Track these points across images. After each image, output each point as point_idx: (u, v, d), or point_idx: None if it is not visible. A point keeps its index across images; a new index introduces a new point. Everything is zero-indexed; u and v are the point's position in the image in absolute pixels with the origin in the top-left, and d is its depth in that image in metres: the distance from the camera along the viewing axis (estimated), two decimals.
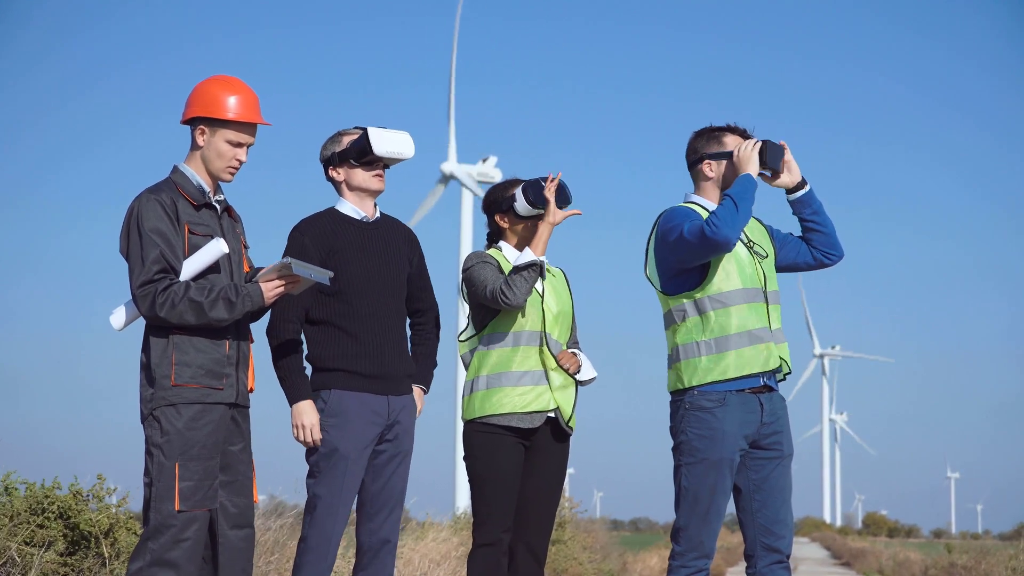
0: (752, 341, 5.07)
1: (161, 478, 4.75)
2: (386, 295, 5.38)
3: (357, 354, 5.29)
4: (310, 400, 5.22)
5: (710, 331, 5.08)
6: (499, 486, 5.41)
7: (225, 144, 4.93)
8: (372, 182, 5.44)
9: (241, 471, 4.93)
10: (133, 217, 4.84)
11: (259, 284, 4.88)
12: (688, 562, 5.09)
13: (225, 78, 4.97)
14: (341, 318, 5.30)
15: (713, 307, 5.09)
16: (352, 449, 5.23)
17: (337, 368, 5.27)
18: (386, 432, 5.33)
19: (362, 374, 5.28)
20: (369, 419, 5.27)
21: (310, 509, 5.28)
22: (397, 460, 5.37)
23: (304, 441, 5.23)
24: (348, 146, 5.40)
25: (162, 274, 4.78)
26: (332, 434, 5.23)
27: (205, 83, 4.96)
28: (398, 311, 5.44)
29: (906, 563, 22.02)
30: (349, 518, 5.44)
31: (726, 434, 5.05)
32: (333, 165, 5.45)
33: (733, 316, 5.08)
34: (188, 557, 4.74)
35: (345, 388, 5.26)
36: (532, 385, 5.44)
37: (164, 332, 4.81)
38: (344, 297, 5.29)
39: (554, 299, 5.59)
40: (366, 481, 5.34)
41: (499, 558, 5.40)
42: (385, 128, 5.36)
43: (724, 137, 5.24)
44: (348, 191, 5.45)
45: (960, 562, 17.08)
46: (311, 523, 5.26)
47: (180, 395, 4.78)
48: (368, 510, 5.35)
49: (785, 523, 5.17)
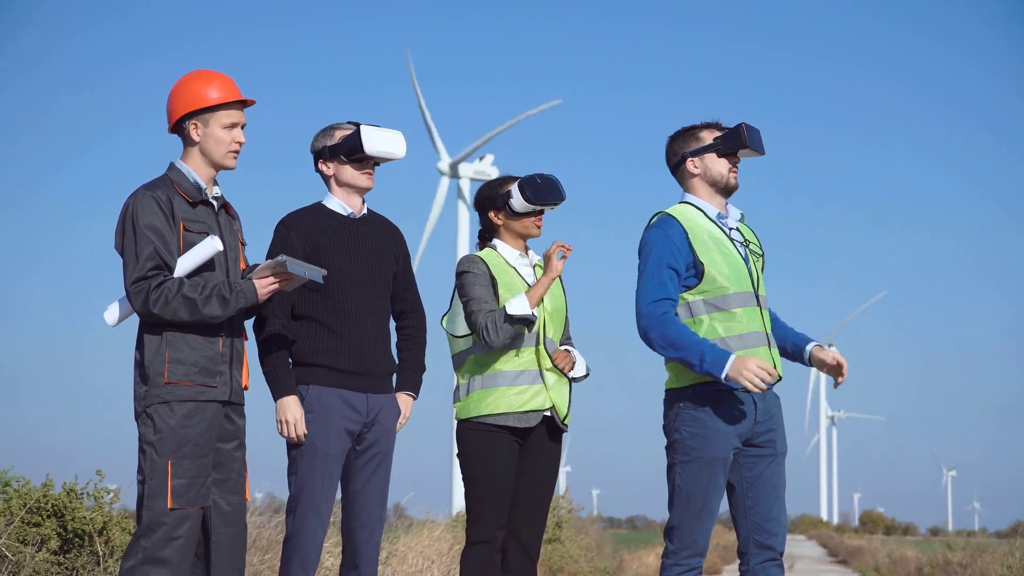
0: (745, 345, 5.07)
1: (154, 476, 4.74)
2: (370, 292, 5.37)
3: (338, 350, 5.28)
4: (295, 396, 5.22)
5: (704, 335, 5.07)
6: (493, 484, 5.41)
7: (221, 130, 4.95)
8: (361, 179, 5.42)
9: (234, 469, 4.93)
10: (128, 213, 4.84)
11: (253, 281, 4.88)
12: (681, 560, 5.09)
13: (196, 72, 4.99)
14: (324, 314, 5.29)
15: (708, 311, 5.08)
16: (331, 445, 5.22)
17: (318, 364, 5.26)
18: (366, 431, 5.32)
19: (343, 370, 5.27)
20: (348, 415, 5.26)
21: (292, 508, 5.27)
22: (377, 460, 5.35)
23: (289, 436, 5.22)
24: (340, 141, 5.39)
25: (156, 271, 4.78)
26: (311, 430, 5.22)
27: (179, 85, 4.98)
28: (382, 309, 5.43)
29: (902, 561, 21.99)
30: (332, 517, 5.43)
31: (719, 432, 5.05)
32: (323, 159, 5.44)
33: (727, 320, 5.08)
34: (181, 555, 4.74)
35: (325, 384, 5.25)
36: (528, 384, 5.44)
37: (158, 329, 4.81)
38: (328, 293, 5.28)
39: (549, 298, 5.59)
40: (348, 481, 5.33)
41: (493, 556, 5.41)
42: (378, 126, 5.36)
43: (700, 132, 5.26)
44: (337, 186, 5.44)
45: (956, 560, 17.08)
46: (294, 522, 5.25)
47: (173, 392, 4.78)
48: (351, 510, 5.34)
49: (778, 521, 5.16)
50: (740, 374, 4.86)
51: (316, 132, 5.48)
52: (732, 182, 5.23)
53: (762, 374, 4.87)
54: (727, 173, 5.22)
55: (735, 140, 5.18)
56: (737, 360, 4.88)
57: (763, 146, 5.24)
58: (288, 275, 4.89)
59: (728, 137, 5.20)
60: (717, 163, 5.22)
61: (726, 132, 5.22)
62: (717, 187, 5.24)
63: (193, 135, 4.96)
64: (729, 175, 5.22)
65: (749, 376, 4.86)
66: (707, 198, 5.25)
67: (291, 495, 5.28)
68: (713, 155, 5.22)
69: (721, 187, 5.23)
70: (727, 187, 5.23)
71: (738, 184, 5.24)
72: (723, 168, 5.22)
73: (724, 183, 5.23)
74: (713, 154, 5.22)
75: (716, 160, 5.22)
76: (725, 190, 5.24)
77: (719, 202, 5.26)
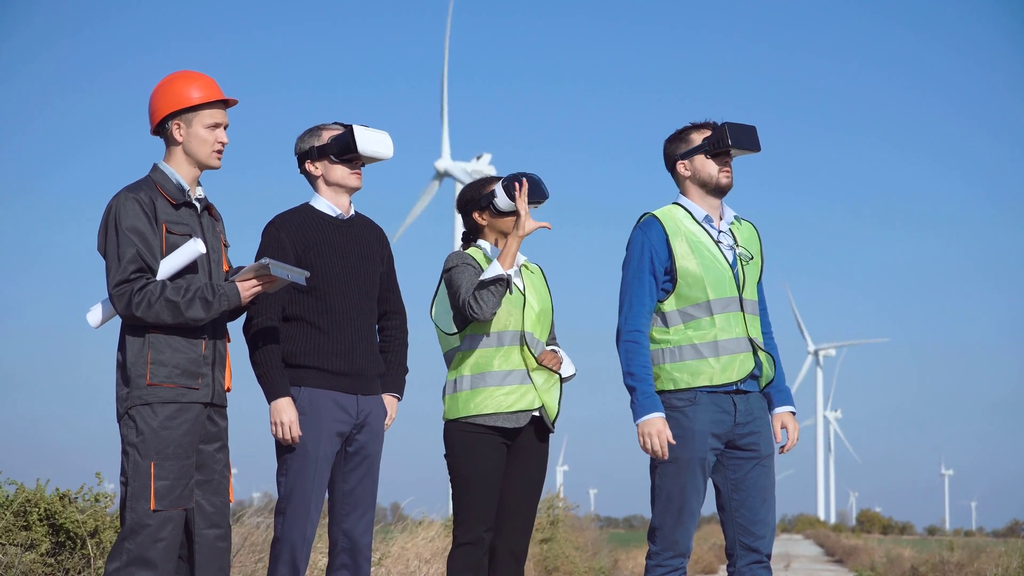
0: (718, 353, 5.09)
1: (136, 477, 4.74)
2: (360, 293, 5.37)
3: (329, 352, 5.28)
4: (289, 397, 5.21)
5: (673, 342, 5.12)
6: (481, 485, 5.40)
7: (204, 129, 4.95)
8: (351, 179, 5.42)
9: (217, 470, 4.92)
10: (111, 215, 4.84)
11: (236, 284, 4.88)
12: (664, 561, 5.10)
13: (177, 73, 5.00)
14: (315, 315, 5.29)
15: (683, 320, 5.13)
16: (321, 447, 5.22)
17: (309, 365, 5.26)
18: (355, 432, 5.32)
19: (333, 372, 5.27)
20: (339, 417, 5.26)
21: (281, 509, 5.27)
22: (367, 463, 5.35)
23: (283, 438, 5.22)
24: (330, 141, 5.38)
25: (138, 273, 4.77)
26: (303, 431, 5.22)
27: (161, 86, 4.98)
28: (371, 310, 5.43)
29: (898, 560, 22.00)
30: (321, 518, 5.43)
31: (696, 433, 5.07)
32: (311, 159, 5.43)
33: (701, 328, 5.11)
34: (165, 556, 4.74)
35: (316, 385, 5.25)
36: (516, 384, 5.44)
37: (140, 331, 4.80)
38: (318, 294, 5.27)
39: (536, 298, 5.58)
40: (336, 483, 5.33)
41: (480, 557, 5.40)
42: (367, 127, 5.36)
43: (690, 135, 5.27)
44: (325, 186, 5.43)
45: (952, 559, 17.08)
46: (283, 523, 5.25)
47: (155, 394, 4.77)
48: (339, 512, 5.34)
49: (765, 523, 5.17)
50: (644, 433, 5.03)
51: (300, 133, 5.48)
52: (723, 182, 5.23)
53: (656, 446, 5.01)
54: (717, 174, 5.23)
55: (720, 141, 5.19)
56: (653, 421, 5.03)
57: (757, 143, 5.23)
58: (271, 278, 4.89)
59: (713, 138, 5.21)
60: (706, 164, 5.23)
61: (711, 133, 5.23)
62: (708, 188, 5.24)
63: (176, 135, 4.95)
64: (719, 175, 5.23)
65: (648, 440, 5.02)
66: (699, 199, 5.26)
67: (281, 496, 5.28)
68: (702, 156, 5.23)
69: (712, 188, 5.24)
70: (718, 187, 5.24)
71: (731, 183, 5.25)
72: (712, 169, 5.23)
73: (714, 184, 5.23)
74: (702, 155, 5.23)
75: (705, 161, 5.23)
76: (717, 191, 5.25)
77: (712, 203, 5.26)
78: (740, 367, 5.11)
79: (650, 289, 5.13)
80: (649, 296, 5.13)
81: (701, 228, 5.21)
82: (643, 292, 5.12)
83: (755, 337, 5.17)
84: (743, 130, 5.20)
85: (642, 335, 5.12)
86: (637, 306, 5.13)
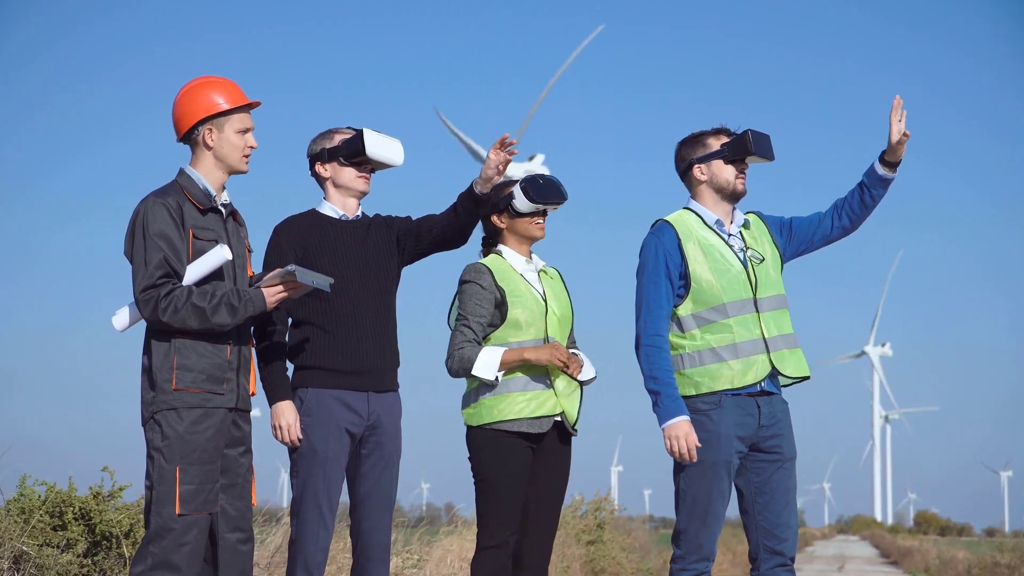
0: (738, 355, 5.08)
1: (162, 482, 4.77)
2: (365, 292, 5.38)
3: (333, 351, 5.30)
4: (289, 400, 5.25)
5: (691, 347, 5.11)
6: (506, 489, 5.40)
7: (235, 135, 4.99)
8: (358, 183, 5.45)
9: (241, 475, 4.96)
10: (138, 220, 4.87)
11: (261, 289, 4.91)
12: (689, 565, 5.10)
13: (203, 79, 5.04)
14: (319, 316, 5.32)
15: (698, 325, 5.12)
16: (330, 447, 5.24)
17: (314, 366, 5.29)
18: (368, 434, 5.33)
19: (339, 370, 5.29)
20: (347, 416, 5.28)
21: (295, 511, 5.30)
22: (383, 463, 5.36)
23: (284, 441, 5.25)
24: (340, 144, 5.42)
25: (165, 279, 4.81)
26: (310, 433, 5.25)
27: (187, 92, 5.01)
28: (380, 307, 5.41)
29: (952, 562, 21.83)
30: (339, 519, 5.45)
31: (721, 436, 5.06)
32: (321, 161, 5.46)
33: (718, 332, 5.10)
34: (190, 560, 4.77)
35: (323, 386, 5.28)
36: (539, 390, 5.43)
37: (166, 336, 4.84)
38: (321, 295, 5.27)
39: (556, 303, 5.58)
40: (354, 484, 5.35)
41: (504, 560, 5.40)
42: (379, 132, 5.39)
43: (707, 139, 5.27)
44: (333, 189, 5.47)
45: (1004, 561, 16.92)
46: (298, 525, 5.28)
47: (181, 399, 4.81)
48: (358, 514, 5.36)
49: (788, 526, 5.16)
50: (671, 436, 5.00)
51: (314, 136, 5.52)
52: (739, 188, 5.23)
53: (683, 449, 4.98)
54: (734, 180, 5.23)
55: (741, 147, 5.18)
56: (679, 424, 4.99)
57: (772, 152, 5.24)
58: (296, 284, 4.92)
59: (734, 144, 5.20)
60: (724, 170, 5.23)
61: (732, 139, 5.22)
62: (723, 194, 5.24)
63: (208, 141, 4.98)
64: (736, 182, 5.23)
65: (675, 444, 4.99)
66: (712, 204, 5.26)
67: (293, 498, 5.32)
68: (720, 161, 5.23)
69: (728, 193, 5.24)
70: (734, 193, 5.24)
71: (746, 190, 5.26)
72: (729, 175, 5.23)
73: (731, 190, 5.23)
74: (720, 160, 5.23)
75: (723, 167, 5.23)
76: (732, 196, 5.25)
77: (724, 208, 5.26)
78: (759, 368, 5.09)
79: (667, 293, 5.12)
80: (666, 300, 5.12)
81: (713, 232, 5.21)
82: (660, 296, 5.12)
83: (772, 337, 5.14)
84: (763, 138, 5.20)
85: (662, 339, 5.11)
86: (655, 310, 5.12)
